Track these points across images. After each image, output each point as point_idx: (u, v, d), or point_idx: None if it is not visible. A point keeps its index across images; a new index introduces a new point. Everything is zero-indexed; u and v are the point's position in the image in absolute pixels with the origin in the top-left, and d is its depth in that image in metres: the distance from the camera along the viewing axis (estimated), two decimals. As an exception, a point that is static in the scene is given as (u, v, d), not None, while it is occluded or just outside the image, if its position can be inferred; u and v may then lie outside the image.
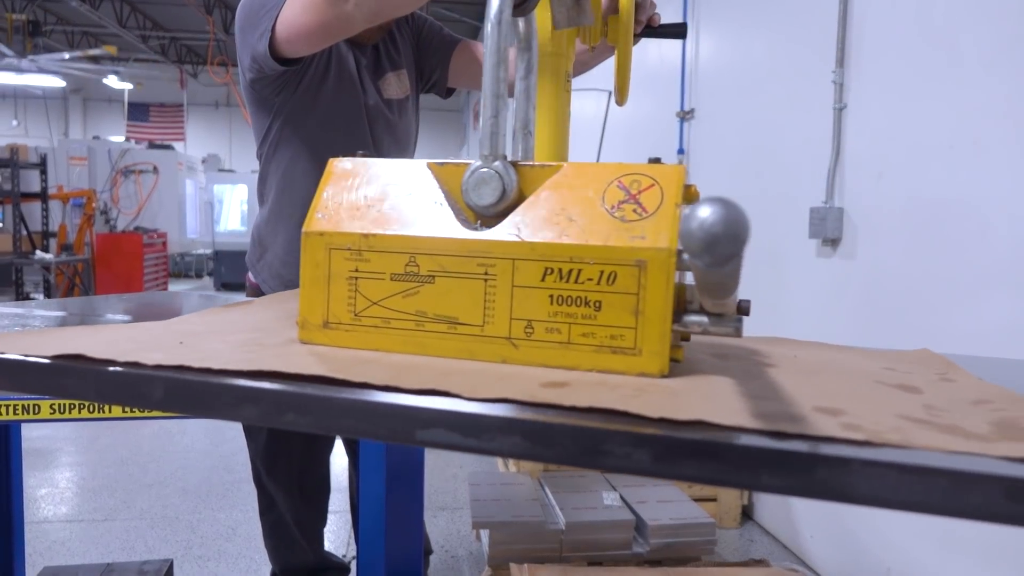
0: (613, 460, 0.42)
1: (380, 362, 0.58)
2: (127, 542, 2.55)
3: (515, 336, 0.59)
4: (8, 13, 11.30)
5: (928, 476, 0.37)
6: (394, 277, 0.62)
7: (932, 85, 1.90)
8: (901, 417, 0.45)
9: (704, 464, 0.41)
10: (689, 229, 0.33)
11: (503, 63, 0.62)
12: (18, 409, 1.19)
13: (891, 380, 0.57)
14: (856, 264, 2.20)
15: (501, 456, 0.44)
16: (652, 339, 0.55)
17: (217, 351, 0.58)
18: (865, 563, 2.12)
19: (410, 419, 0.46)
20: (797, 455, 0.40)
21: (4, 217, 10.35)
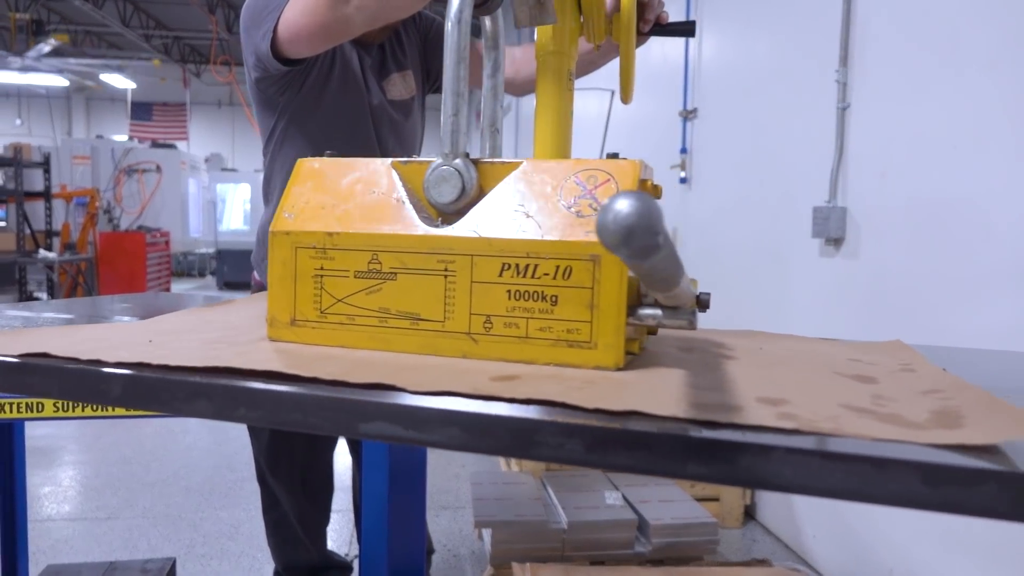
0: (546, 450, 0.43)
1: (340, 358, 0.59)
2: (130, 540, 2.55)
3: (475, 331, 0.59)
4: (11, 12, 11.31)
5: (848, 463, 0.38)
6: (358, 275, 0.63)
7: (936, 84, 1.89)
8: (843, 406, 0.46)
9: (634, 453, 0.42)
10: (604, 223, 0.34)
11: (463, 62, 0.62)
12: (22, 407, 1.19)
13: (850, 371, 0.58)
14: (859, 264, 2.19)
15: (440, 447, 0.46)
16: (607, 333, 0.56)
17: (183, 349, 0.59)
18: (867, 563, 2.12)
19: (354, 412, 0.47)
20: (721, 444, 0.40)
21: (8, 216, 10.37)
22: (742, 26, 3.02)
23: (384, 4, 1.13)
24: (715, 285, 3.26)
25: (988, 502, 0.36)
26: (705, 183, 3.40)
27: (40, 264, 7.84)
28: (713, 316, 2.54)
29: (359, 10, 1.13)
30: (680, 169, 3.58)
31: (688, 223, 3.58)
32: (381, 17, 1.19)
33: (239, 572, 2.33)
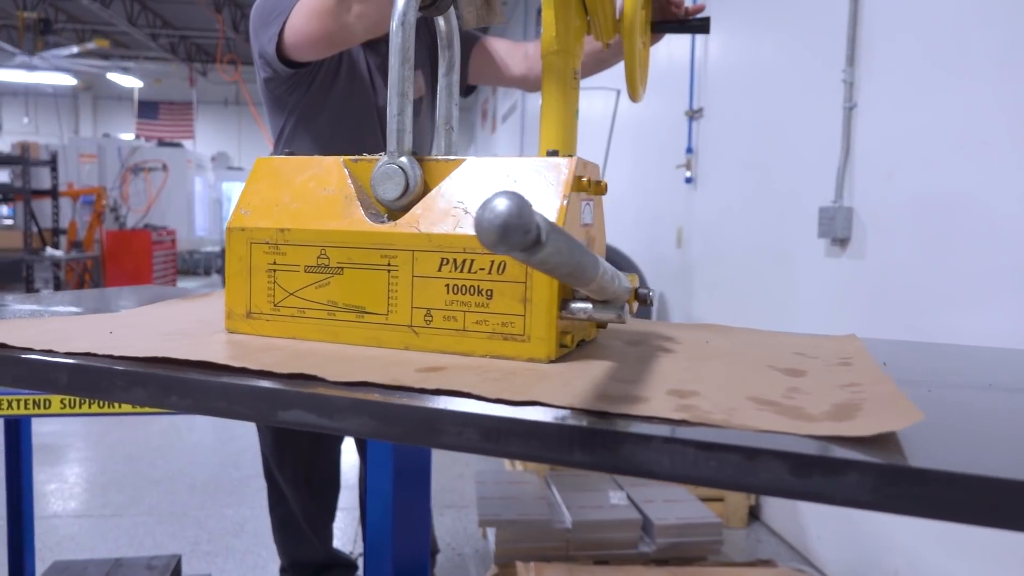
0: (447, 438, 0.45)
1: (283, 348, 0.61)
2: (135, 537, 2.56)
3: (416, 324, 0.61)
4: (19, 11, 11.36)
5: (722, 453, 0.39)
6: (308, 269, 0.65)
7: (943, 84, 1.89)
8: (750, 399, 0.47)
9: (526, 442, 0.43)
10: (478, 222, 0.35)
11: (408, 63, 0.64)
12: (28, 403, 1.20)
13: (786, 364, 0.59)
14: (865, 264, 2.19)
15: (350, 435, 0.49)
16: (539, 326, 0.58)
17: (136, 340, 0.61)
18: (873, 564, 2.12)
19: (273, 401, 0.49)
20: (604, 433, 0.42)
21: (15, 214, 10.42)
22: (748, 25, 3.01)
23: (384, 14, 1.14)
24: (720, 285, 3.25)
25: (851, 492, 0.37)
26: (711, 183, 3.39)
27: (47, 262, 7.87)
28: (718, 316, 2.54)
29: (359, 19, 1.15)
30: (686, 169, 3.58)
31: (693, 223, 3.58)
32: (381, 27, 1.20)
33: (244, 569, 2.34)
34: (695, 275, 3.54)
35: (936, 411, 0.48)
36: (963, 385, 0.58)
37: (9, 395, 1.21)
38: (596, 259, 0.49)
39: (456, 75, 0.76)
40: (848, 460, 0.37)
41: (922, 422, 0.42)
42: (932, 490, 0.36)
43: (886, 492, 0.36)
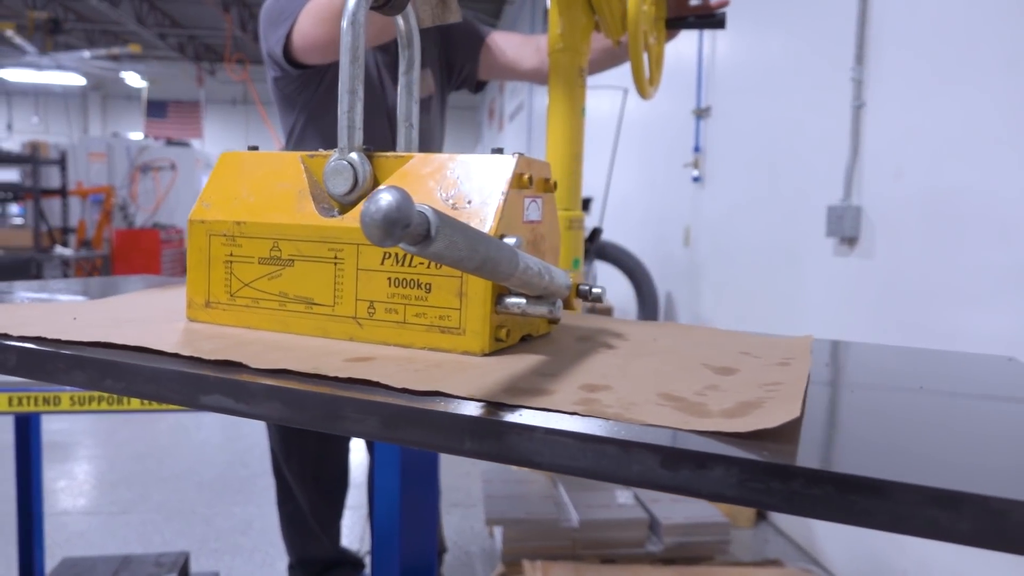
0: (349, 424, 0.46)
1: (229, 337, 0.63)
2: (144, 535, 2.57)
3: (360, 316, 0.63)
4: (30, 11, 11.42)
5: (598, 444, 0.40)
6: (261, 261, 0.67)
7: (952, 82, 1.88)
8: (660, 395, 0.48)
9: (421, 430, 0.45)
10: (362, 218, 0.36)
11: (358, 61, 0.65)
12: (39, 400, 1.20)
13: (722, 363, 0.59)
14: (874, 263, 2.18)
15: (264, 419, 0.50)
16: (474, 320, 0.59)
17: (93, 327, 0.63)
18: (881, 565, 2.11)
19: (196, 385, 0.51)
20: (491, 423, 0.43)
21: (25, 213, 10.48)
22: (756, 23, 3.00)
23: (389, 21, 1.15)
24: (728, 284, 3.24)
25: (717, 486, 0.37)
26: (718, 181, 3.38)
27: (56, 260, 7.91)
28: (726, 316, 2.53)
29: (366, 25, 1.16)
30: (693, 167, 3.57)
31: (701, 222, 3.57)
32: (388, 32, 1.21)
33: (251, 567, 2.35)
34: (702, 274, 3.53)
35: (844, 411, 0.48)
36: (892, 387, 0.58)
37: (19, 392, 1.22)
38: (515, 254, 0.50)
39: (416, 73, 0.77)
40: (714, 455, 0.38)
41: (827, 422, 0.43)
42: (793, 486, 0.36)
43: (751, 487, 0.37)
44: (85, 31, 14.04)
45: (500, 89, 12.40)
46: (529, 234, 0.66)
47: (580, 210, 1.21)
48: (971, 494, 0.33)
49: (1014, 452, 0.43)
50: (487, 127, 16.00)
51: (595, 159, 3.09)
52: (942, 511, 0.33)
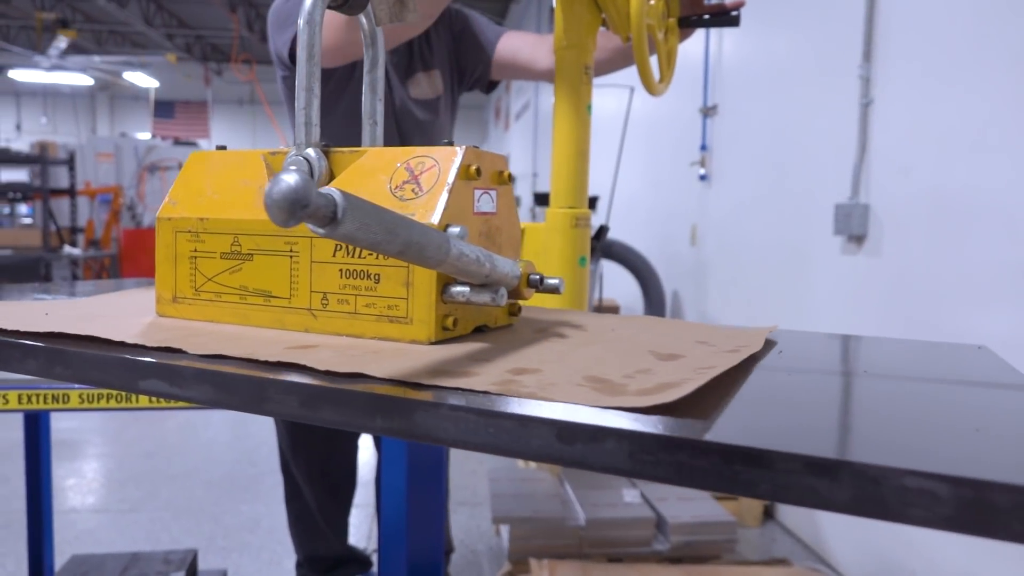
0: (272, 405, 0.48)
1: (183, 329, 0.65)
2: (152, 533, 2.59)
3: (314, 307, 0.65)
4: (38, 12, 11.48)
5: (498, 420, 0.41)
6: (223, 256, 0.69)
7: (961, 80, 1.87)
8: (586, 377, 0.49)
9: (336, 409, 0.46)
10: (264, 200, 0.38)
11: (313, 59, 0.67)
12: (47, 398, 1.21)
13: (670, 350, 0.59)
14: (882, 262, 2.17)
15: (196, 403, 0.52)
16: (420, 309, 0.60)
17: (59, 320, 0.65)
18: (890, 565, 2.10)
19: (136, 370, 0.54)
20: (401, 401, 0.44)
21: (34, 213, 10.53)
22: (763, 21, 2.99)
23: (393, 30, 1.16)
24: (735, 283, 3.24)
25: (609, 458, 0.38)
26: (725, 180, 3.37)
27: (65, 260, 7.95)
28: (733, 314, 2.52)
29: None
30: (700, 166, 3.56)
31: (708, 220, 3.56)
32: (392, 40, 1.21)
33: (259, 565, 2.36)
34: (709, 273, 3.52)
35: (775, 392, 0.49)
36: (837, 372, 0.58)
37: (28, 390, 1.22)
38: (446, 241, 0.52)
39: (380, 72, 0.78)
40: (606, 428, 0.38)
41: (757, 401, 0.45)
42: (680, 457, 0.37)
43: (640, 459, 0.38)
44: (93, 32, 14.10)
45: (507, 88, 12.39)
46: (482, 225, 0.67)
47: (586, 208, 1.21)
48: (849, 462, 0.33)
49: (921, 427, 0.43)
50: (493, 126, 15.99)
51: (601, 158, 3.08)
52: (820, 479, 0.34)
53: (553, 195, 1.20)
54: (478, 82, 1.69)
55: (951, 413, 0.47)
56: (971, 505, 0.31)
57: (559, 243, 1.18)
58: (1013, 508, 0.30)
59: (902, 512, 0.32)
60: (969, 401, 0.50)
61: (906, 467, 0.32)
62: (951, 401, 0.50)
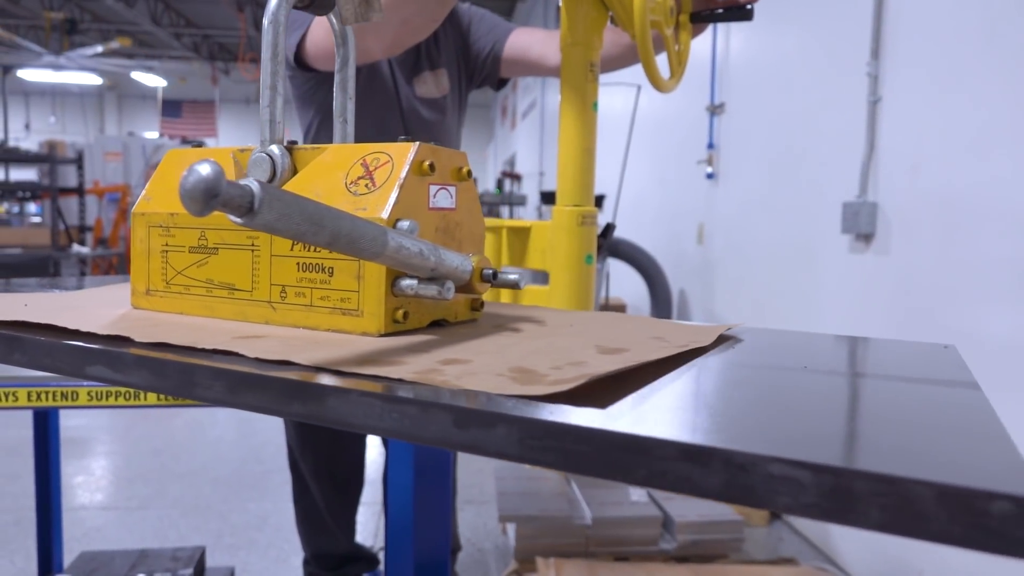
0: (201, 390, 0.50)
1: (148, 319, 0.68)
2: (160, 530, 2.60)
3: (274, 300, 0.67)
4: (47, 12, 11.54)
5: (402, 406, 0.42)
6: (191, 250, 0.71)
7: (970, 77, 1.86)
8: (511, 368, 0.50)
9: (257, 394, 0.48)
10: (179, 191, 0.39)
11: (277, 57, 0.69)
12: (56, 395, 1.22)
13: (616, 344, 0.60)
14: (890, 260, 2.16)
15: (135, 387, 0.56)
16: (371, 302, 0.62)
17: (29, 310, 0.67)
18: (897, 565, 2.09)
19: (84, 357, 0.56)
20: (316, 387, 0.46)
21: (43, 212, 10.59)
22: (771, 19, 2.98)
23: (400, 35, 1.16)
24: (742, 282, 3.23)
25: (500, 444, 0.39)
26: (732, 178, 3.37)
27: (73, 258, 7.99)
28: (740, 313, 2.51)
29: (377, 41, 1.18)
30: (707, 164, 3.56)
31: (715, 219, 3.55)
32: (399, 46, 1.21)
33: (266, 563, 2.37)
34: (716, 272, 3.52)
35: (687, 385, 0.50)
36: (776, 367, 0.58)
37: (37, 387, 1.23)
38: (383, 233, 0.53)
39: (351, 70, 0.79)
40: (498, 414, 0.39)
41: (659, 391, 0.46)
42: (565, 444, 0.38)
43: (529, 444, 0.39)
44: (101, 31, 14.15)
45: (513, 87, 12.39)
46: (439, 220, 0.68)
47: (592, 206, 1.21)
48: (719, 449, 0.34)
49: (810, 418, 0.43)
50: (500, 125, 15.98)
51: (608, 156, 3.07)
52: (694, 466, 0.34)
53: (559, 193, 1.20)
54: (487, 79, 1.69)
55: (853, 405, 0.47)
56: (831, 492, 0.31)
57: (565, 241, 1.18)
58: (870, 495, 0.30)
59: (769, 499, 0.32)
60: (880, 395, 0.50)
61: (773, 455, 0.32)
62: (861, 394, 0.50)
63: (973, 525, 0.29)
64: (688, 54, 1.23)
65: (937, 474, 0.30)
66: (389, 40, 1.19)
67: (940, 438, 0.38)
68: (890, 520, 0.30)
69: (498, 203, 9.11)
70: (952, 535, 0.29)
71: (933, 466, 0.32)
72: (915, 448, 0.35)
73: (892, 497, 0.30)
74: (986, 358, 1.79)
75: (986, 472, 0.31)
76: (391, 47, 1.21)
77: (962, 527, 0.29)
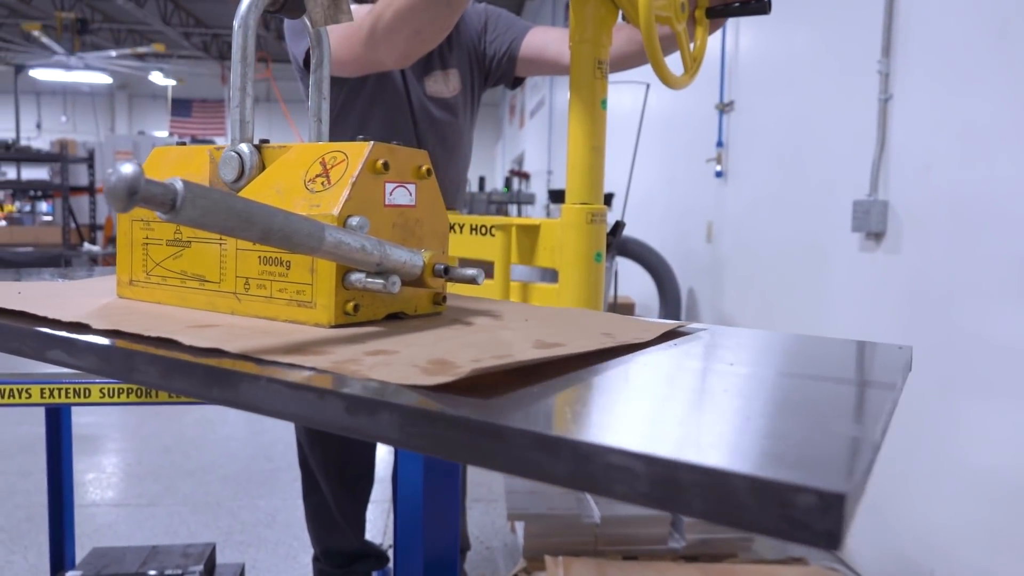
0: (138, 375, 0.53)
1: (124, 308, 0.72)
2: (170, 527, 2.61)
3: (239, 291, 0.70)
4: (58, 12, 11.61)
5: (302, 392, 0.45)
6: (168, 243, 0.75)
7: (982, 74, 1.84)
8: (430, 360, 0.51)
9: (184, 379, 0.51)
10: (104, 189, 0.41)
11: (246, 60, 0.72)
12: (69, 392, 1.23)
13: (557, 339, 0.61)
14: (901, 259, 2.15)
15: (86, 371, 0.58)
16: (323, 294, 0.64)
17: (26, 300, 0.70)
18: (908, 564, 2.08)
19: (44, 342, 0.60)
20: (231, 373, 0.48)
21: (54, 210, 10.65)
22: (780, 16, 2.97)
23: (412, 45, 1.17)
24: (751, 280, 3.22)
25: (383, 429, 0.42)
26: (742, 177, 3.35)
27: (84, 256, 8.05)
28: (749, 312, 2.50)
29: (388, 53, 1.19)
30: (716, 163, 3.54)
31: (724, 217, 3.54)
32: (412, 55, 1.21)
33: (276, 559, 2.38)
34: (726, 270, 3.51)
35: (587, 377, 0.52)
36: (698, 365, 0.60)
37: (51, 384, 1.24)
38: (320, 229, 0.55)
39: (325, 71, 0.81)
40: (382, 402, 0.42)
41: (555, 384, 0.48)
42: (437, 430, 0.40)
43: (407, 431, 0.41)
44: (112, 31, 14.23)
45: (522, 86, 12.37)
46: (397, 217, 0.70)
47: (602, 204, 1.20)
48: (567, 439, 0.36)
49: (694, 414, 0.45)
50: (508, 124, 15.99)
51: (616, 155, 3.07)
52: (545, 455, 0.36)
53: (569, 191, 1.19)
54: (503, 79, 1.67)
55: (730, 402, 0.48)
56: (661, 482, 0.33)
57: (575, 239, 1.18)
58: (693, 486, 0.32)
59: (608, 487, 0.34)
60: (769, 392, 0.52)
61: (613, 446, 0.34)
62: (749, 392, 0.51)
63: (781, 516, 0.30)
64: (704, 50, 1.22)
65: (757, 468, 0.31)
66: (401, 51, 1.19)
67: (790, 434, 0.40)
68: (711, 509, 0.31)
69: (506, 202, 9.11)
70: (763, 525, 0.30)
71: (759, 460, 0.33)
72: (753, 443, 0.37)
73: (712, 488, 0.31)
74: (998, 358, 1.78)
75: (806, 467, 0.32)
76: (403, 58, 1.22)
77: (772, 518, 0.30)
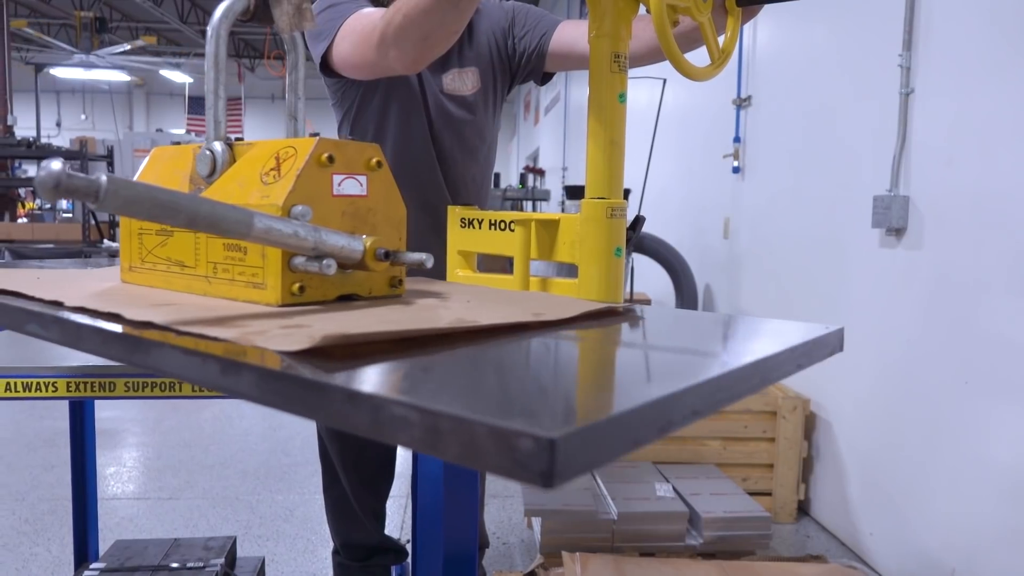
0: (86, 343, 0.61)
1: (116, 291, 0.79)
2: (191, 520, 2.64)
3: (209, 275, 0.77)
4: (77, 11, 11.72)
5: (192, 357, 0.51)
6: (157, 233, 0.82)
7: (1005, 67, 1.82)
8: (330, 332, 0.54)
9: (119, 347, 0.58)
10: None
11: (218, 65, 0.78)
12: (95, 386, 1.24)
13: (473, 317, 0.66)
14: (922, 255, 2.13)
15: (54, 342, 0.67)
16: (271, 276, 0.70)
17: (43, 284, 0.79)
18: (928, 563, 2.06)
19: (21, 316, 0.68)
20: (148, 342, 0.55)
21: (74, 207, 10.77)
22: (799, 9, 2.94)
23: (422, 51, 1.17)
24: (769, 277, 3.20)
25: (244, 387, 0.48)
26: (759, 172, 3.33)
27: (104, 253, 8.13)
28: (767, 308, 2.48)
29: (398, 59, 1.21)
30: (733, 158, 3.52)
31: (741, 213, 3.52)
32: (422, 61, 1.22)
33: (294, 553, 2.39)
34: (743, 266, 3.49)
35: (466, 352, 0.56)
36: (579, 339, 0.65)
37: (76, 378, 1.26)
38: (249, 216, 0.61)
39: (301, 72, 0.87)
40: (244, 363, 0.48)
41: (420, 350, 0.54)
42: (282, 386, 0.46)
43: (262, 387, 0.47)
44: (129, 29, 14.35)
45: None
46: (347, 206, 0.75)
47: (621, 198, 1.20)
48: (363, 393, 0.41)
49: (506, 376, 0.52)
50: (523, 120, 15.96)
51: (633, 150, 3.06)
52: (351, 407, 0.41)
53: (588, 186, 1.19)
54: (531, 74, 1.65)
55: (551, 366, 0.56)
56: (430, 430, 0.37)
57: (594, 233, 1.18)
58: (450, 433, 0.36)
59: (394, 435, 0.39)
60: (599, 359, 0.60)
61: (396, 399, 0.39)
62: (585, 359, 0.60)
63: (511, 459, 0.34)
64: (735, 42, 1.21)
65: (496, 417, 0.35)
66: (411, 56, 1.19)
67: (555, 391, 0.47)
68: (464, 453, 0.35)
69: (521, 198, 9.11)
70: (501, 467, 0.34)
71: (501, 412, 0.36)
72: (516, 400, 0.43)
73: (463, 435, 0.35)
74: (1021, 356, 1.75)
75: (533, 418, 0.36)
76: (414, 63, 1.22)
77: (506, 460, 0.34)
